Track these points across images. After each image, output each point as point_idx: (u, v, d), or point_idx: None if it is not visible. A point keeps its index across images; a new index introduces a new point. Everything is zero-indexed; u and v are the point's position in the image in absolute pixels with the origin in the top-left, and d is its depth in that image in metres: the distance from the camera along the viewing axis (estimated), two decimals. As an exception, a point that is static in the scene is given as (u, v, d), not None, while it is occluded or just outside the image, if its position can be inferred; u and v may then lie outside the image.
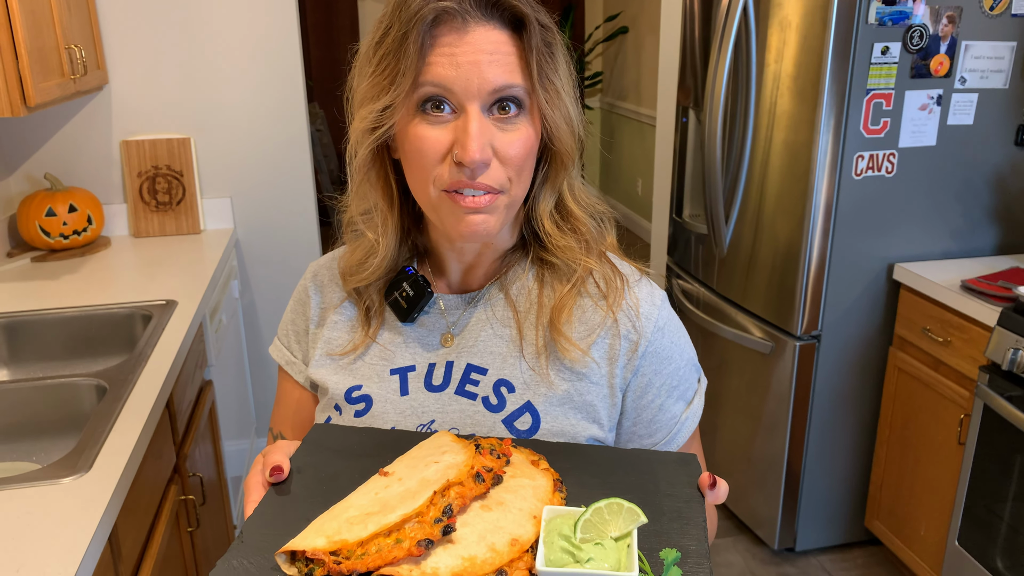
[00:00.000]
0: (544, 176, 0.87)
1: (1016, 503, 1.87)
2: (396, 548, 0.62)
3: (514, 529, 0.67)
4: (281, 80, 2.60)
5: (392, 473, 0.73)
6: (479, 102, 0.77)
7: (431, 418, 0.88)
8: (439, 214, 0.82)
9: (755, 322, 2.48)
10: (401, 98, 0.78)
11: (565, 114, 0.82)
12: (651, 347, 0.89)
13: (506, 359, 0.88)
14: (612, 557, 0.63)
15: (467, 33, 0.77)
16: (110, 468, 1.28)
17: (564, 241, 0.88)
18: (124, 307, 1.94)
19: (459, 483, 0.69)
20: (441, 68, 0.77)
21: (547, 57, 0.79)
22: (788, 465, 2.43)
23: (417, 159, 0.80)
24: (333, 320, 0.95)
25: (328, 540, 0.64)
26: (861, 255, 2.25)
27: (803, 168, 2.19)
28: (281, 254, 2.74)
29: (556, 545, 0.65)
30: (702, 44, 2.68)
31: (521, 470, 0.75)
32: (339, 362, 0.92)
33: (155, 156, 2.51)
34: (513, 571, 0.64)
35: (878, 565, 2.48)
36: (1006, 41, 2.12)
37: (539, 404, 0.86)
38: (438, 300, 0.92)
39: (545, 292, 0.89)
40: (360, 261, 0.91)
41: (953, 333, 2.05)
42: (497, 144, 0.79)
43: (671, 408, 0.91)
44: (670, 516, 0.72)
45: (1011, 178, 2.26)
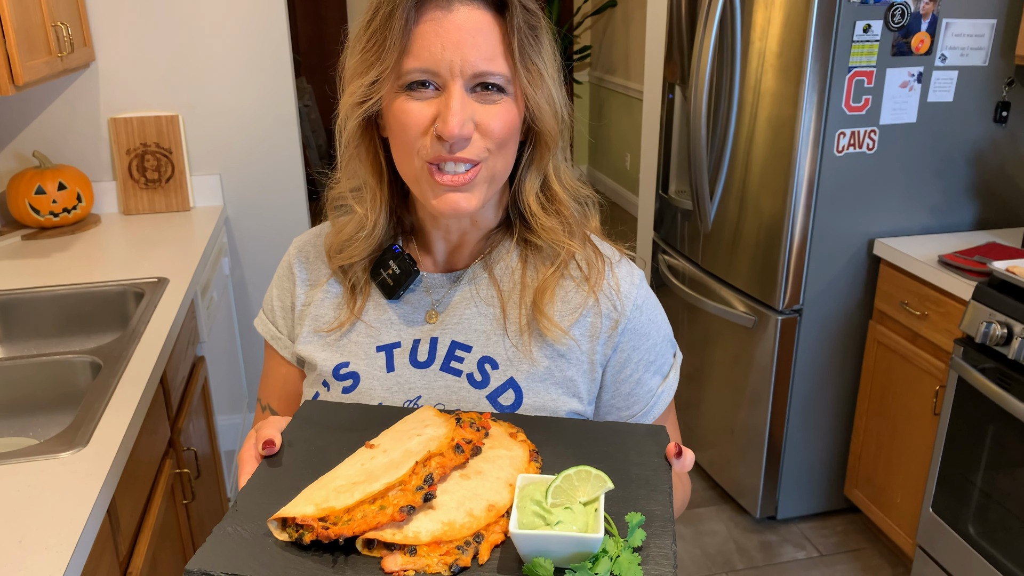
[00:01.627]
0: (529, 157, 0.90)
1: (988, 472, 1.93)
2: (380, 514, 0.67)
3: (491, 496, 0.72)
4: (269, 56, 2.60)
5: (377, 446, 0.77)
6: (461, 80, 0.80)
7: (417, 394, 0.91)
8: (420, 188, 0.85)
9: (738, 297, 2.52)
10: (387, 72, 0.81)
11: (548, 96, 0.84)
12: (630, 324, 0.93)
13: (490, 337, 0.92)
14: (580, 520, 0.68)
15: (451, 12, 0.80)
16: (107, 442, 1.31)
17: (549, 222, 0.91)
18: (116, 285, 1.96)
19: (439, 454, 0.73)
20: (425, 49, 0.80)
21: (530, 40, 0.82)
22: (770, 436, 2.49)
23: (400, 133, 0.83)
24: (319, 297, 0.97)
25: (317, 507, 0.68)
26: (842, 230, 2.29)
27: (786, 145, 2.22)
28: (270, 230, 2.76)
29: (528, 510, 0.69)
30: (688, 21, 2.69)
31: (499, 442, 0.79)
32: (326, 339, 0.95)
33: (144, 133, 2.51)
34: (489, 534, 0.69)
35: (856, 532, 2.55)
36: (986, 19, 2.15)
37: (522, 380, 0.90)
38: (423, 278, 0.95)
39: (528, 272, 0.93)
40: (349, 236, 0.93)
41: (930, 307, 2.10)
42: (479, 119, 0.82)
43: (648, 382, 0.95)
44: (638, 483, 0.76)
45: (990, 154, 2.30)
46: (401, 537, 0.66)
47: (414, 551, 0.66)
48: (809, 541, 2.52)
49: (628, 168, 5.94)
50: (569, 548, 0.65)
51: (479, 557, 0.67)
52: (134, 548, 1.42)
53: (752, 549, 2.49)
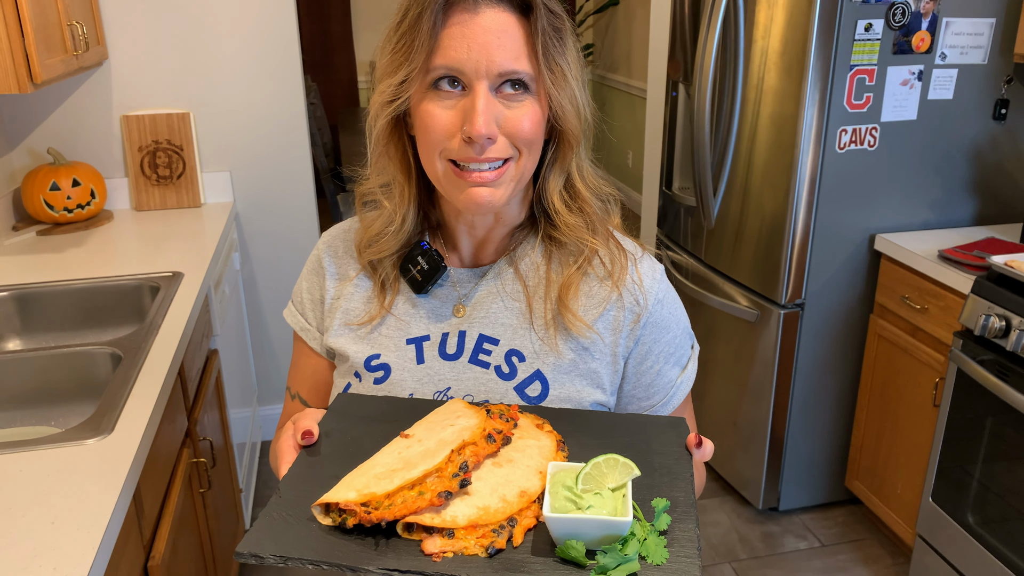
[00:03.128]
0: (553, 156, 0.93)
1: (986, 462, 1.97)
2: (419, 499, 0.71)
3: (522, 483, 0.76)
4: (278, 54, 2.64)
5: (412, 435, 0.81)
6: (487, 81, 0.83)
7: (447, 385, 0.94)
8: (445, 186, 0.89)
9: (741, 291, 2.56)
10: (415, 72, 0.84)
11: (571, 96, 0.87)
12: (651, 318, 0.96)
13: (516, 330, 0.95)
14: (609, 505, 0.72)
15: (478, 14, 0.83)
16: (131, 430, 1.35)
17: (572, 219, 0.94)
18: (132, 279, 2.00)
19: (473, 443, 0.78)
20: (452, 49, 0.83)
21: (555, 41, 0.85)
22: (772, 428, 2.53)
23: (426, 135, 0.87)
24: (349, 291, 1.00)
25: (359, 493, 0.72)
26: (844, 226, 2.33)
27: (788, 142, 2.26)
28: (279, 226, 2.80)
29: (560, 495, 0.73)
30: (691, 19, 2.73)
31: (528, 432, 0.84)
32: (357, 332, 0.98)
33: (155, 131, 2.55)
34: (522, 519, 0.73)
35: (857, 523, 2.59)
36: (985, 18, 2.19)
37: (548, 372, 0.93)
38: (451, 273, 0.98)
39: (553, 268, 0.96)
40: (379, 231, 0.96)
41: (930, 301, 2.14)
42: (503, 121, 0.85)
43: (668, 373, 0.99)
44: (660, 472, 0.80)
45: (989, 151, 2.34)
46: (439, 521, 0.70)
47: (452, 534, 0.70)
48: (811, 532, 2.56)
49: (630, 165, 5.98)
50: (600, 531, 0.69)
51: (513, 540, 0.71)
52: (155, 533, 1.46)
53: (755, 540, 2.53)
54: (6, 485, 1.20)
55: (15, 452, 1.28)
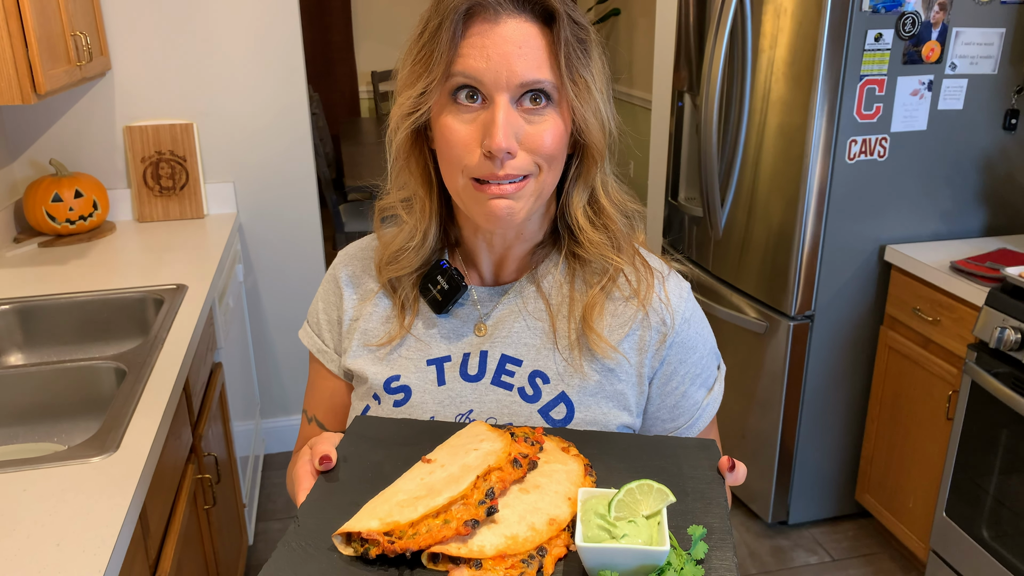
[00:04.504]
0: (576, 171, 0.90)
1: (1001, 475, 1.95)
2: (445, 528, 0.68)
3: (551, 510, 0.73)
4: (282, 65, 2.62)
5: (434, 460, 0.78)
6: (508, 93, 0.81)
7: (469, 408, 0.92)
8: (465, 201, 0.86)
9: (749, 302, 2.54)
10: (435, 83, 0.82)
11: (595, 109, 0.85)
12: (678, 338, 0.93)
13: (540, 351, 0.92)
14: (644, 533, 0.68)
15: (498, 24, 0.80)
16: (137, 447, 1.32)
17: (597, 236, 0.91)
18: (136, 291, 1.97)
19: (499, 468, 0.74)
20: (472, 59, 0.80)
21: (578, 52, 0.83)
22: (781, 441, 2.50)
23: (447, 149, 0.84)
24: (368, 312, 0.97)
25: (381, 522, 0.69)
26: (853, 237, 2.31)
27: (797, 152, 2.24)
28: (283, 237, 2.78)
29: (593, 523, 0.70)
30: (696, 29, 2.72)
31: (554, 456, 0.81)
32: (376, 353, 0.96)
33: (158, 141, 2.53)
34: (552, 548, 0.70)
35: (868, 537, 2.57)
36: (995, 28, 2.17)
37: (573, 394, 0.90)
38: (471, 292, 0.95)
39: (576, 287, 0.93)
40: (400, 247, 0.94)
41: (942, 313, 2.12)
42: (524, 135, 0.82)
43: (694, 395, 0.96)
44: (693, 496, 0.77)
45: (999, 162, 2.32)
46: (466, 551, 0.67)
47: (480, 565, 0.67)
48: (821, 546, 2.53)
49: (632, 175, 5.96)
50: (635, 561, 0.66)
51: (544, 571, 0.68)
52: (160, 552, 1.43)
53: (764, 554, 2.50)
54: (10, 505, 1.18)
55: (20, 471, 1.25)
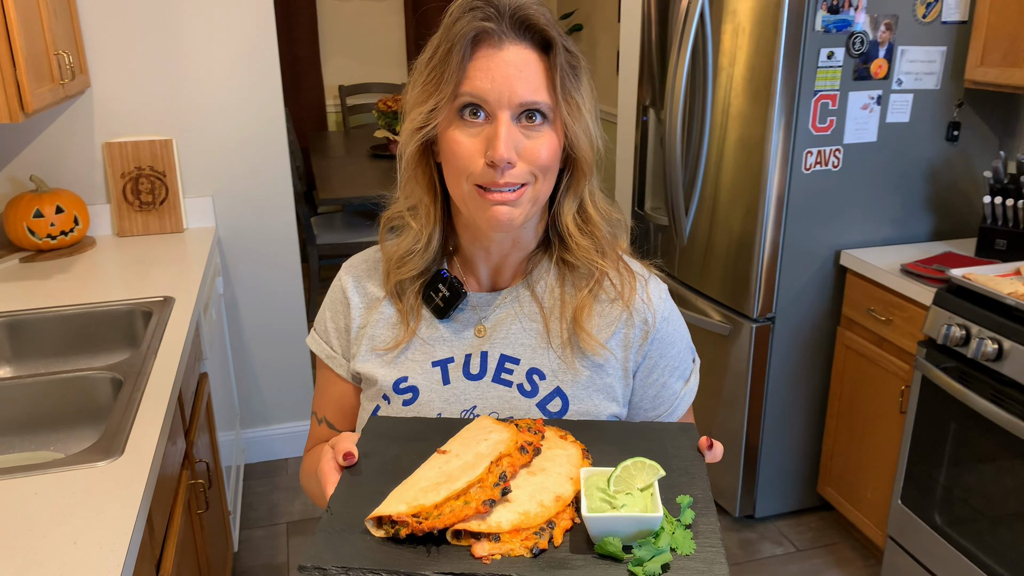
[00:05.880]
0: (567, 183, 1.00)
1: (951, 465, 2.08)
2: (466, 508, 0.77)
3: (557, 489, 0.83)
4: (259, 81, 2.68)
5: (449, 451, 0.88)
6: (509, 111, 0.91)
7: (473, 404, 1.01)
8: (469, 206, 0.95)
9: (714, 306, 2.66)
10: (444, 101, 0.92)
11: (585, 128, 0.95)
12: (659, 334, 1.04)
13: (535, 350, 1.02)
14: (640, 503, 0.79)
15: (502, 50, 0.91)
16: (142, 451, 1.38)
17: (584, 242, 1.01)
18: (124, 304, 2.02)
19: (508, 455, 0.84)
20: (478, 80, 0.90)
21: (571, 77, 0.93)
22: (747, 439, 2.62)
23: (453, 160, 0.94)
24: (375, 319, 1.06)
25: (409, 505, 0.78)
26: (811, 243, 2.45)
27: (757, 163, 2.37)
28: (261, 250, 2.83)
29: (595, 497, 0.80)
30: (659, 46, 2.85)
31: (554, 443, 0.91)
32: (383, 357, 1.04)
33: (138, 157, 2.57)
34: (560, 521, 0.80)
35: (830, 528, 2.69)
36: (937, 46, 2.33)
37: (567, 389, 1.01)
38: (470, 298, 1.05)
39: (567, 290, 1.03)
40: (407, 250, 1.02)
41: (894, 313, 2.25)
42: (523, 148, 0.92)
43: (672, 386, 1.07)
44: (678, 472, 0.88)
45: (943, 171, 2.48)
46: (486, 527, 0.77)
47: (498, 538, 0.77)
48: (786, 538, 2.65)
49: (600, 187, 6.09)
50: (634, 527, 0.76)
51: (554, 540, 0.78)
52: (162, 555, 1.48)
53: (732, 547, 2.61)
54: (25, 506, 1.23)
55: (29, 476, 1.31)
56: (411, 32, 5.57)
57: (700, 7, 2.47)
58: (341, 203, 3.81)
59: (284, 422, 3.08)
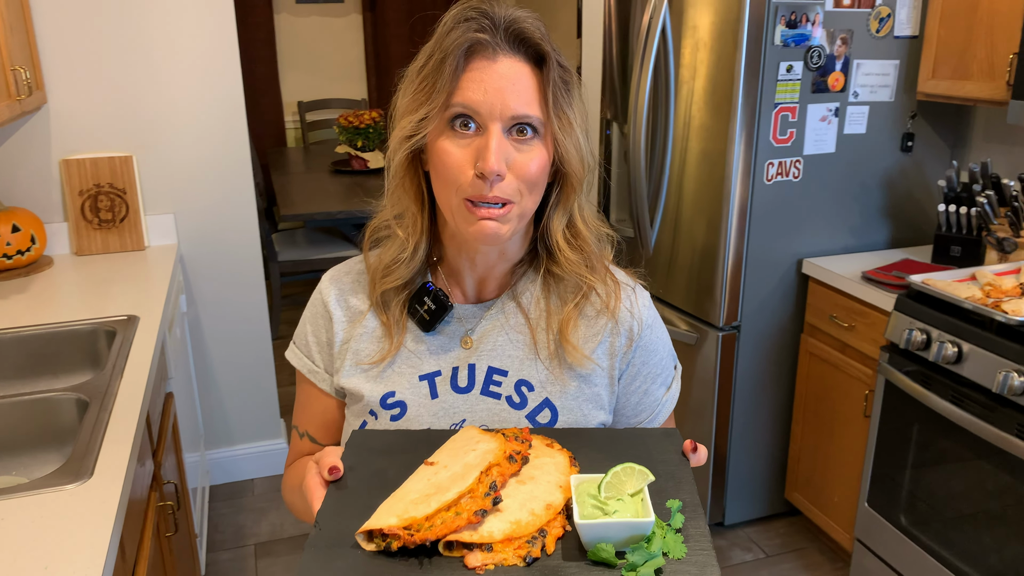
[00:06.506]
0: (557, 198, 0.99)
1: (915, 466, 2.13)
2: (457, 519, 0.77)
3: (547, 497, 0.83)
4: (221, 96, 2.66)
5: (437, 462, 0.87)
6: (500, 123, 0.90)
7: (462, 417, 1.00)
8: (456, 218, 0.94)
9: (680, 316, 2.69)
10: (436, 111, 0.91)
11: (576, 143, 0.94)
12: (642, 342, 1.04)
13: (523, 361, 1.01)
14: (631, 509, 0.79)
15: (496, 62, 0.90)
16: (112, 473, 1.35)
17: (574, 256, 1.01)
18: (87, 323, 1.97)
19: (498, 464, 0.84)
20: (471, 91, 0.89)
21: (563, 92, 0.92)
22: (715, 446, 2.65)
23: (442, 169, 0.92)
24: (359, 333, 1.04)
25: (399, 518, 0.77)
26: (773, 252, 2.49)
27: (719, 175, 2.41)
28: (225, 267, 2.79)
29: (587, 504, 0.80)
30: (620, 61, 2.89)
31: (541, 452, 0.91)
32: (369, 372, 1.02)
33: (97, 174, 2.52)
34: (551, 529, 0.80)
35: (798, 533, 2.73)
36: (890, 60, 2.40)
37: (556, 400, 1.01)
38: (456, 309, 1.03)
39: (552, 302, 1.03)
40: (393, 258, 1.01)
41: (856, 319, 2.31)
42: (513, 161, 0.91)
43: (655, 392, 1.08)
44: (665, 477, 0.88)
45: (899, 180, 2.55)
46: (478, 537, 0.77)
47: (491, 548, 0.77)
48: (756, 544, 2.68)
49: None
50: (626, 532, 0.77)
51: (547, 548, 0.78)
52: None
53: (704, 555, 2.63)
54: (-8, 533, 1.19)
55: (-5, 501, 1.26)
56: (371, 48, 5.57)
57: (661, 23, 2.51)
58: (303, 219, 3.78)
59: (249, 442, 3.03)
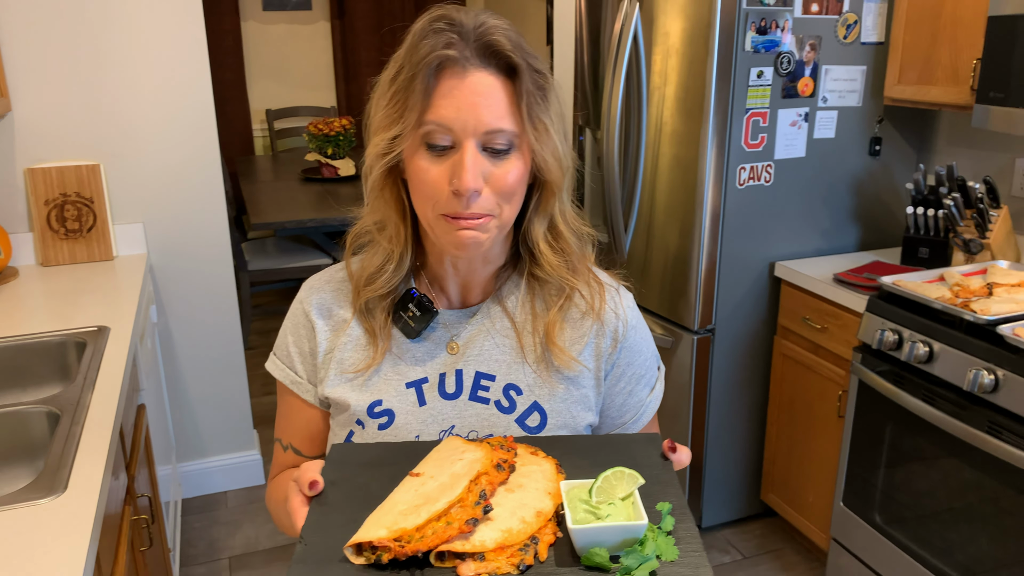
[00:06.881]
0: (536, 203, 0.99)
1: (889, 465, 2.16)
2: (448, 528, 0.76)
3: (536, 504, 0.83)
4: (191, 103, 2.62)
5: (423, 473, 0.86)
6: (475, 139, 0.89)
7: (451, 424, 0.99)
8: (436, 231, 0.94)
9: (656, 320, 2.71)
10: (409, 129, 0.90)
11: (553, 150, 0.93)
12: (627, 342, 1.05)
13: (511, 365, 1.01)
14: (623, 512, 0.79)
15: (466, 78, 0.88)
16: (87, 487, 1.32)
17: (555, 259, 1.00)
18: (56, 335, 1.93)
19: (486, 473, 0.83)
20: (443, 109, 0.88)
21: (538, 99, 0.91)
22: (691, 449, 2.66)
23: (420, 187, 0.92)
24: (343, 342, 1.02)
25: (389, 530, 0.76)
26: (746, 255, 2.52)
27: (692, 180, 2.43)
28: (195, 277, 2.75)
29: (579, 509, 0.80)
30: (591, 68, 2.90)
31: (526, 459, 0.90)
32: (354, 381, 1.01)
33: (63, 183, 2.47)
34: (543, 536, 0.80)
35: (774, 534, 2.76)
36: (858, 65, 2.45)
37: (544, 403, 1.00)
38: (441, 315, 1.02)
39: (537, 305, 1.03)
40: (378, 267, 1.00)
41: (829, 320, 2.34)
42: (489, 175, 0.90)
43: (639, 393, 1.07)
44: (650, 481, 0.87)
45: (867, 184, 2.59)
46: (470, 547, 0.76)
47: (483, 557, 0.76)
48: (733, 546, 2.70)
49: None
50: (619, 536, 0.77)
51: (539, 555, 0.78)
52: (108, 594, 1.41)
53: (682, 558, 2.64)
54: (-37, 551, 1.15)
55: (-35, 517, 1.23)
56: (339, 55, 5.54)
57: (633, 29, 2.53)
58: (273, 228, 3.74)
59: (222, 454, 2.98)
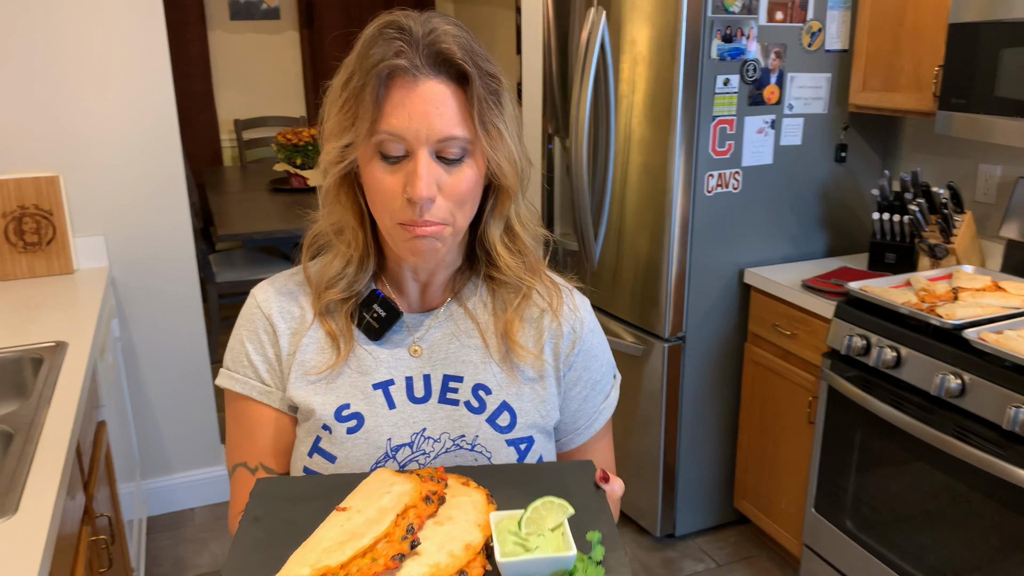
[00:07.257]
0: (492, 207, 0.98)
1: (859, 470, 2.17)
2: (374, 565, 0.74)
3: (465, 537, 0.81)
4: (153, 113, 2.58)
5: (350, 507, 0.83)
6: (428, 147, 0.88)
7: (422, 427, 0.98)
8: (393, 238, 0.93)
9: (626, 328, 2.70)
10: (360, 139, 0.89)
11: (508, 153, 0.92)
12: (584, 345, 1.05)
13: (478, 366, 1.00)
14: (553, 544, 0.79)
15: (417, 87, 0.87)
16: (39, 509, 1.28)
17: (512, 260, 1.00)
18: (11, 351, 1.88)
19: (414, 506, 0.81)
20: (394, 118, 0.87)
21: (491, 104, 0.90)
22: (664, 458, 2.66)
23: (374, 196, 0.92)
24: (305, 343, 1.00)
25: (312, 568, 0.74)
26: (715, 262, 2.52)
27: (660, 187, 2.43)
28: (159, 290, 2.70)
29: (508, 541, 0.79)
30: (560, 77, 2.90)
31: (457, 490, 0.88)
32: (316, 384, 0.98)
33: (21, 196, 2.42)
34: (472, 570, 0.78)
35: (747, 541, 2.75)
36: (823, 73, 2.47)
37: (513, 402, 1.00)
38: (403, 318, 1.01)
39: (498, 303, 1.03)
40: (337, 272, 0.98)
41: (798, 327, 2.34)
42: (443, 182, 0.89)
43: (593, 399, 1.07)
44: (582, 510, 0.86)
45: (833, 190, 2.61)
46: None
47: None
48: (706, 554, 2.69)
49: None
50: (549, 568, 0.76)
51: None
52: (63, 619, 1.37)
53: (655, 566, 2.63)
54: (-94, 579, 1.11)
55: (-91, 543, 1.18)
56: (308, 65, 5.50)
57: (600, 38, 2.53)
58: (241, 239, 3.69)
59: (188, 470, 2.92)
